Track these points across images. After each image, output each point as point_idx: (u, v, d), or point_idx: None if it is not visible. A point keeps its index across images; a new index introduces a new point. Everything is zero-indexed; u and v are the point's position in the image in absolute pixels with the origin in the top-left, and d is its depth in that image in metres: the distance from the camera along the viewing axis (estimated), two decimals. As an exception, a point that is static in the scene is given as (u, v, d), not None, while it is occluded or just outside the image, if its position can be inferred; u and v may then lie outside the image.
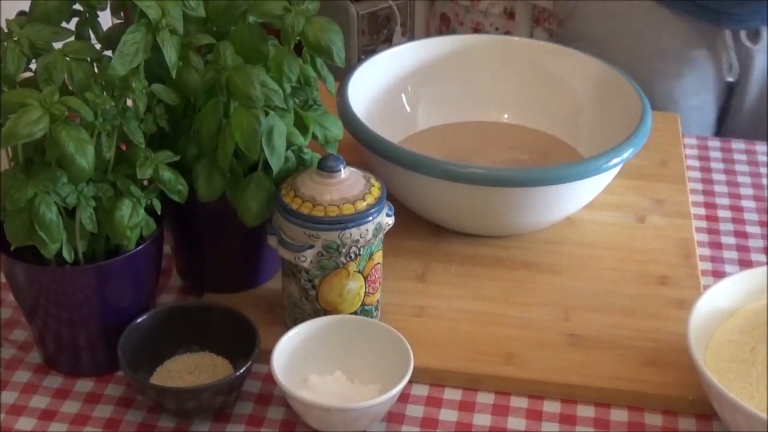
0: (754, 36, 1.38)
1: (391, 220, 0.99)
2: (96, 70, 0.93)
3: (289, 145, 0.97)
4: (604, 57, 1.25)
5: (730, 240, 1.18)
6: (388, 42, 2.66)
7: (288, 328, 0.97)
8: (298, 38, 0.96)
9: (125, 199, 0.92)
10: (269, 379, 0.95)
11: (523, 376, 0.98)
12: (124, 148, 0.95)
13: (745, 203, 1.25)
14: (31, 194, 0.87)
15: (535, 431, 0.94)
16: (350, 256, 0.96)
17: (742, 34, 1.38)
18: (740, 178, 1.30)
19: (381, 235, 0.98)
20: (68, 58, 0.90)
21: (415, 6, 2.81)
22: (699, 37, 1.39)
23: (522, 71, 1.29)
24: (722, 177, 1.30)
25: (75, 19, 0.98)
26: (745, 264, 1.15)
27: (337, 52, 0.96)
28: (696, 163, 1.33)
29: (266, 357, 0.93)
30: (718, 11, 1.35)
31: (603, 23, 1.47)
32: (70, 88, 0.91)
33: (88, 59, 0.92)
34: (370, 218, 0.95)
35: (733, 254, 1.16)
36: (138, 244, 0.94)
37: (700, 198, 1.26)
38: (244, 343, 0.95)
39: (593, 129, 1.23)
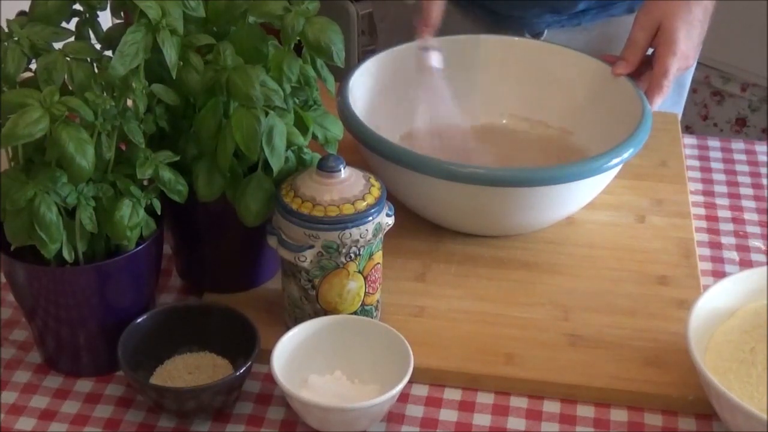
0: (538, 36, 1.39)
1: (391, 220, 0.99)
2: (96, 70, 0.93)
3: (289, 145, 0.97)
4: (396, 39, 1.28)
5: (730, 240, 1.18)
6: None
7: (288, 328, 0.97)
8: (298, 38, 0.96)
9: (125, 199, 0.92)
10: (269, 379, 0.95)
11: (523, 376, 0.98)
12: (124, 148, 0.95)
13: (745, 203, 1.25)
14: (31, 194, 0.87)
15: (535, 431, 0.94)
16: (350, 256, 0.96)
17: (526, 34, 1.39)
18: (740, 178, 1.30)
19: (381, 235, 0.98)
20: (68, 58, 0.91)
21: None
22: (480, 29, 1.39)
23: (522, 71, 1.29)
24: (722, 177, 1.30)
25: (75, 19, 0.98)
26: (745, 264, 1.15)
27: (337, 52, 0.96)
28: (696, 163, 1.33)
29: (266, 357, 0.93)
30: (503, 15, 1.36)
31: (399, 11, 1.48)
32: (70, 88, 0.91)
33: (88, 59, 0.92)
34: (370, 218, 0.95)
35: (733, 254, 1.16)
36: (138, 244, 0.94)
37: (700, 198, 1.26)
38: (244, 343, 0.95)
39: (593, 129, 1.22)
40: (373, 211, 0.95)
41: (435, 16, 1.22)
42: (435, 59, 1.22)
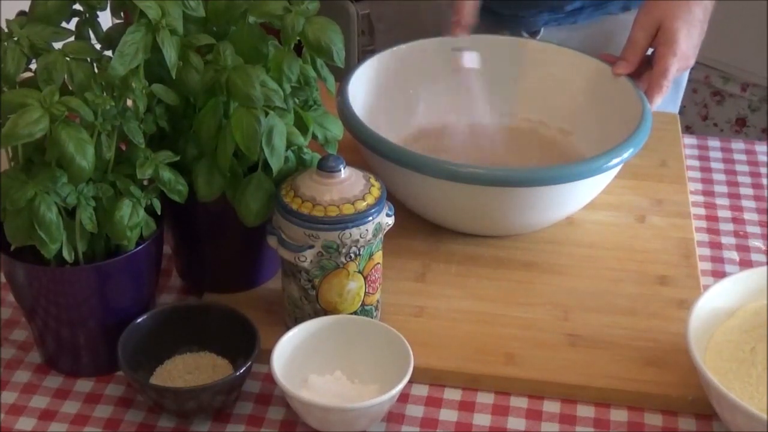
0: (534, 35, 1.39)
1: (391, 220, 0.99)
2: (96, 70, 0.93)
3: (289, 145, 0.97)
4: (394, 40, 1.28)
5: (730, 240, 1.18)
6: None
7: (288, 328, 0.97)
8: (298, 38, 0.96)
9: (125, 199, 0.92)
10: (269, 379, 0.95)
11: (523, 376, 0.98)
12: (124, 148, 0.95)
13: (745, 203, 1.25)
14: (31, 194, 0.87)
15: (535, 431, 0.94)
16: (350, 256, 0.96)
17: (523, 32, 1.39)
18: (740, 178, 1.30)
19: (381, 235, 0.98)
20: (68, 58, 0.90)
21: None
22: (480, 29, 1.39)
23: (522, 71, 1.29)
24: (722, 177, 1.30)
25: (75, 19, 0.98)
26: (745, 264, 1.15)
27: (337, 52, 0.96)
28: (696, 163, 1.33)
29: (266, 357, 0.93)
30: (501, 14, 1.36)
31: (396, 11, 1.48)
32: (70, 88, 0.91)
33: (88, 59, 0.92)
34: (370, 218, 0.95)
35: (733, 254, 1.16)
36: (138, 244, 0.94)
37: (700, 198, 1.26)
38: (244, 343, 0.95)
39: (593, 129, 1.22)
40: (373, 211, 0.95)
41: (468, 14, 1.21)
42: (468, 59, 1.21)
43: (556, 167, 1.10)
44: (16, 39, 0.91)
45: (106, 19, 1.00)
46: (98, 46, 0.98)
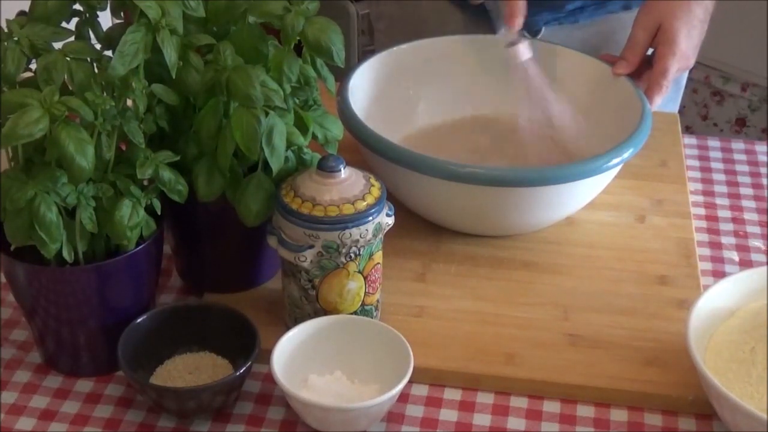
0: (535, 34, 1.39)
1: (391, 220, 0.99)
2: (96, 70, 0.93)
3: (289, 145, 0.97)
4: (393, 40, 1.28)
5: (730, 240, 1.18)
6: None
7: (288, 328, 0.97)
8: (298, 38, 0.96)
9: (125, 199, 0.92)
10: (269, 379, 0.95)
11: (523, 376, 0.98)
12: (124, 148, 0.95)
13: (745, 203, 1.25)
14: (31, 194, 0.87)
15: (535, 431, 0.94)
16: (350, 256, 0.96)
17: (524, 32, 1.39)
18: (740, 178, 1.30)
19: (381, 235, 0.98)
20: (68, 58, 0.90)
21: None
22: (480, 29, 1.39)
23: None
24: (722, 177, 1.30)
25: (75, 19, 0.98)
26: (745, 264, 1.15)
27: (337, 52, 0.96)
28: (696, 163, 1.33)
29: (266, 357, 0.93)
30: (502, 13, 1.36)
31: (395, 11, 1.48)
32: (70, 88, 0.91)
33: (88, 59, 0.92)
34: (370, 218, 0.95)
35: (733, 254, 1.16)
36: (138, 244, 0.94)
37: (700, 198, 1.26)
38: (244, 343, 0.95)
39: (593, 129, 1.22)
40: (373, 211, 0.95)
41: (521, 7, 1.20)
42: (524, 51, 1.21)
43: (556, 167, 1.10)
44: (16, 39, 0.91)
45: (106, 19, 1.00)
46: (98, 46, 0.98)
